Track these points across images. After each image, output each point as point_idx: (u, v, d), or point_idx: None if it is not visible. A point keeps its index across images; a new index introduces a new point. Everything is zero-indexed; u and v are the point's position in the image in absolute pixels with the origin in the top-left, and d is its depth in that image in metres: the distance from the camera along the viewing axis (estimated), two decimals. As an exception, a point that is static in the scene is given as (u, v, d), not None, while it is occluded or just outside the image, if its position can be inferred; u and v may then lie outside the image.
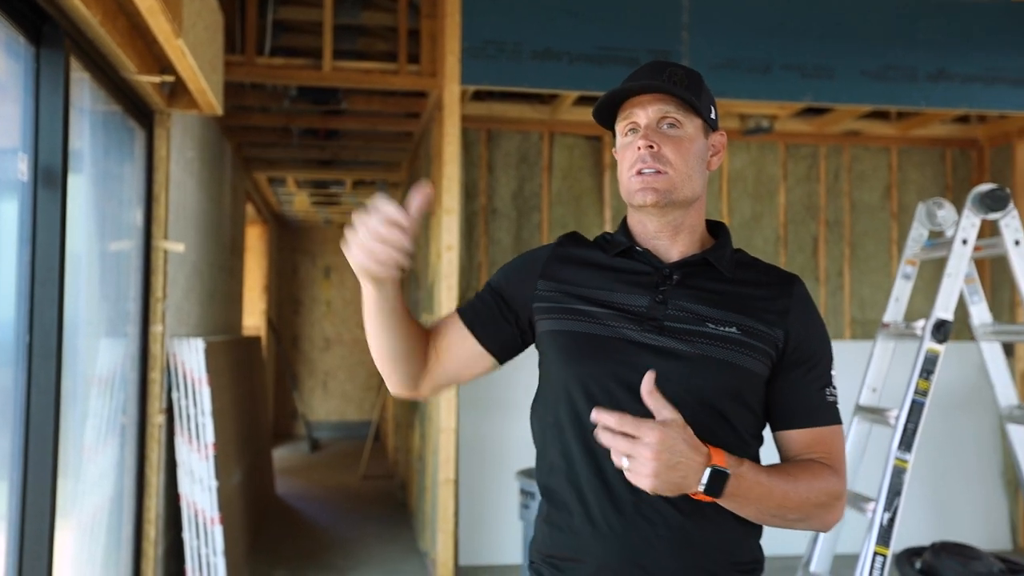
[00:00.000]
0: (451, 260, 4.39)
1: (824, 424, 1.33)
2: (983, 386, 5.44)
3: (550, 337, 1.37)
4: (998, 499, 5.43)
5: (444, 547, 4.34)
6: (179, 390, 3.76)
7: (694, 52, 4.53)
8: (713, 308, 1.31)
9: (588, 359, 1.30)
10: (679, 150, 1.33)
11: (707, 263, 1.36)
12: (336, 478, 7.60)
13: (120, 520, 3.42)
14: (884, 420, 2.89)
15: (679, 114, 1.33)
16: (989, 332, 3.09)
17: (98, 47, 2.79)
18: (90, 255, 3.06)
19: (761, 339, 1.30)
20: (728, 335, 1.29)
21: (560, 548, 1.33)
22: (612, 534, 1.27)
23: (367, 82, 4.54)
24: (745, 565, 1.32)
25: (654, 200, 1.32)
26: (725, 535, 1.29)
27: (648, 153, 1.31)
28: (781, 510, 1.24)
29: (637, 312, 1.32)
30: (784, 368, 1.32)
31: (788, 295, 1.35)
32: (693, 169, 1.34)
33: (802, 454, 1.33)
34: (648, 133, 1.32)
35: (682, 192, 1.34)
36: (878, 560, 2.68)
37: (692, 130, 1.35)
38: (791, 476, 1.26)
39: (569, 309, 1.35)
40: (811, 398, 1.33)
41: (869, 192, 5.83)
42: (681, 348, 1.28)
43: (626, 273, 1.37)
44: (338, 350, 10.56)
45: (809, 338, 1.34)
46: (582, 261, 1.41)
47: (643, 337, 1.30)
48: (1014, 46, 4.76)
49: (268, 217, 9.10)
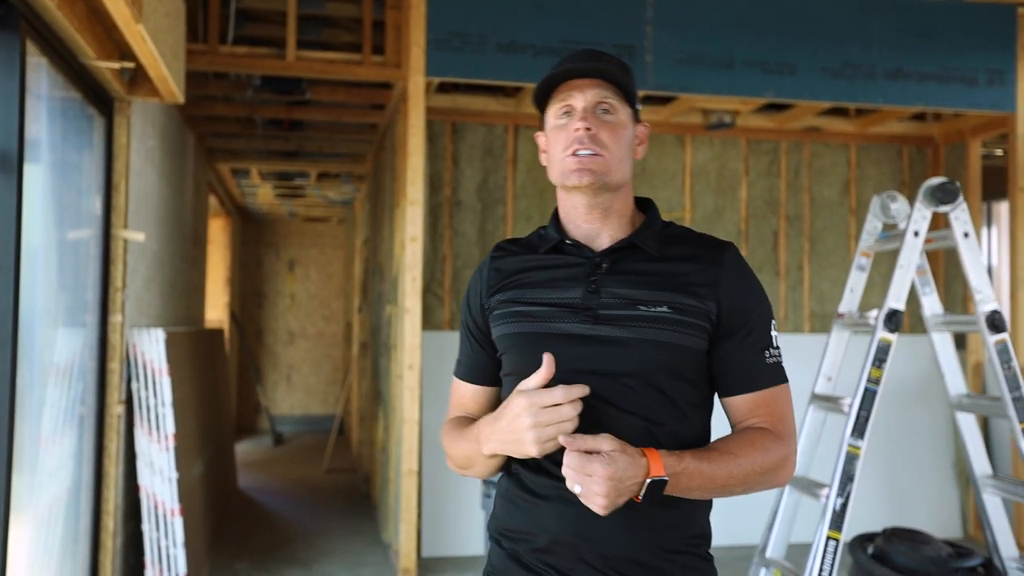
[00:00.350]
0: (415, 251, 4.39)
1: (765, 387, 1.36)
2: (936, 378, 5.56)
3: (499, 341, 1.44)
4: (949, 489, 5.56)
5: (407, 538, 4.35)
6: (139, 381, 3.72)
7: (657, 46, 4.57)
8: (643, 290, 1.35)
9: (532, 357, 1.33)
10: (614, 135, 1.37)
11: (634, 246, 1.40)
12: (300, 472, 7.56)
13: (78, 511, 3.38)
14: (838, 408, 2.95)
15: (614, 100, 1.37)
16: (940, 323, 3.17)
17: (56, 31, 2.75)
18: (47, 243, 3.02)
19: (693, 314, 1.33)
20: (660, 315, 1.33)
21: (516, 523, 1.38)
22: (565, 510, 1.31)
23: (331, 72, 4.52)
24: (693, 541, 1.36)
25: (590, 181, 1.35)
26: (675, 512, 1.33)
27: (586, 135, 1.35)
28: (726, 488, 1.29)
29: (572, 304, 1.36)
30: (721, 337, 1.35)
31: (718, 264, 1.37)
32: (624, 154, 1.38)
33: (746, 419, 1.36)
34: (586, 116, 1.36)
35: (615, 175, 1.37)
36: (831, 544, 2.74)
37: (624, 117, 1.39)
38: (732, 455, 1.29)
39: (511, 312, 1.41)
40: (750, 364, 1.36)
41: (828, 188, 5.93)
42: (616, 334, 1.33)
43: (560, 268, 1.41)
44: (302, 344, 10.50)
45: (742, 304, 1.36)
46: (517, 265, 1.46)
47: (580, 328, 1.34)
48: (968, 46, 4.87)
49: (231, 209, 9.01)
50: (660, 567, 1.32)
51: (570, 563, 1.32)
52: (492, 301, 1.45)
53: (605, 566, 1.31)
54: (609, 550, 1.30)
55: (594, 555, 1.30)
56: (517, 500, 1.38)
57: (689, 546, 1.35)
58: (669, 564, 1.33)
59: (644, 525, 1.30)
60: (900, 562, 3.10)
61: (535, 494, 1.35)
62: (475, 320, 1.50)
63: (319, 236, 10.61)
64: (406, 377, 4.38)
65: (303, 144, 6.51)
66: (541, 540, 1.34)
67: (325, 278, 10.59)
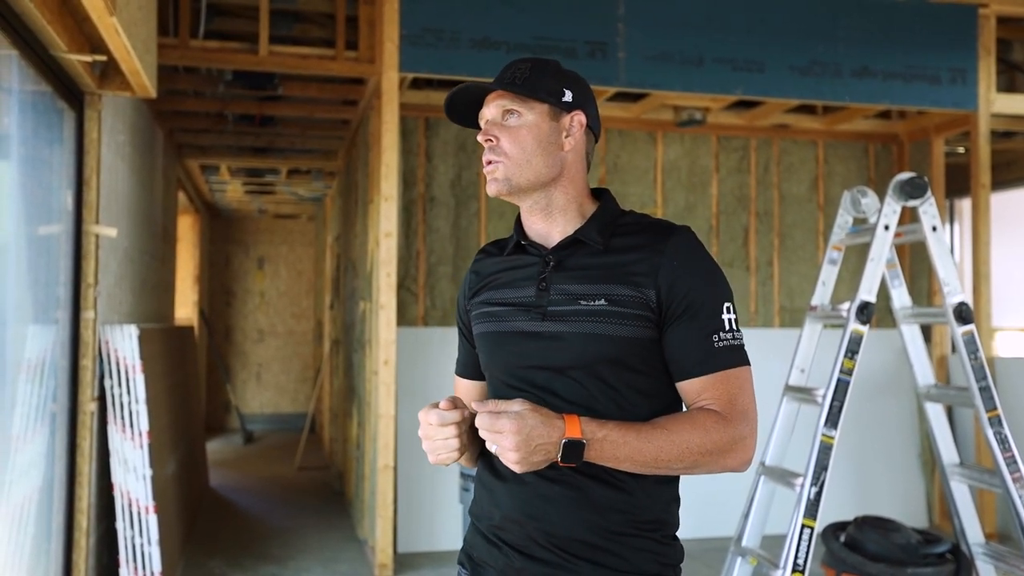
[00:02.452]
0: (389, 247, 4.39)
1: (713, 371, 1.35)
2: (903, 371, 5.67)
3: (477, 341, 1.53)
4: (915, 478, 5.68)
5: (383, 534, 4.35)
6: (112, 378, 3.68)
7: (629, 44, 4.61)
8: (584, 284, 1.39)
9: (495, 355, 1.47)
10: (515, 139, 1.41)
11: (580, 241, 1.43)
12: (271, 469, 7.52)
13: (50, 510, 3.34)
14: (812, 399, 3.01)
15: (518, 105, 1.41)
16: (909, 315, 3.24)
17: (26, 23, 2.72)
18: (17, 239, 2.98)
19: (631, 304, 1.35)
20: (598, 308, 1.37)
21: (479, 504, 1.49)
22: (517, 490, 1.40)
23: (304, 67, 4.51)
24: (646, 525, 1.38)
25: (495, 190, 1.43)
26: (626, 496, 1.36)
27: (488, 146, 1.43)
28: (660, 462, 1.31)
29: (526, 303, 1.43)
30: (666, 323, 1.37)
31: (659, 252, 1.37)
32: (532, 153, 1.41)
33: (696, 403, 1.37)
34: (488, 128, 1.43)
35: (522, 176, 1.41)
36: (806, 532, 2.79)
37: (532, 117, 1.41)
38: (666, 430, 1.31)
39: (483, 313, 1.50)
40: (696, 348, 1.35)
41: (797, 184, 6.02)
42: (561, 330, 1.38)
43: (519, 268, 1.48)
44: (272, 342, 10.43)
45: (684, 288, 1.35)
46: (491, 267, 1.54)
47: (531, 326, 1.41)
48: (931, 46, 4.97)
49: (200, 206, 8.92)
50: (605, 547, 1.35)
51: (521, 540, 1.39)
52: (472, 303, 1.54)
53: (550, 543, 1.37)
54: (554, 529, 1.36)
55: (540, 533, 1.37)
56: (484, 480, 1.48)
57: (641, 530, 1.37)
58: (617, 545, 1.36)
59: (588, 506, 1.35)
60: (871, 549, 3.16)
61: (496, 475, 1.43)
62: (463, 320, 1.60)
63: (288, 233, 10.54)
64: (381, 373, 4.37)
65: (274, 140, 6.46)
66: (496, 517, 1.43)
67: (295, 275, 10.52)
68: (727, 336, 1.36)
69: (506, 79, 1.42)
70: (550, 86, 1.43)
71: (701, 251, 1.40)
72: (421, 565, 4.67)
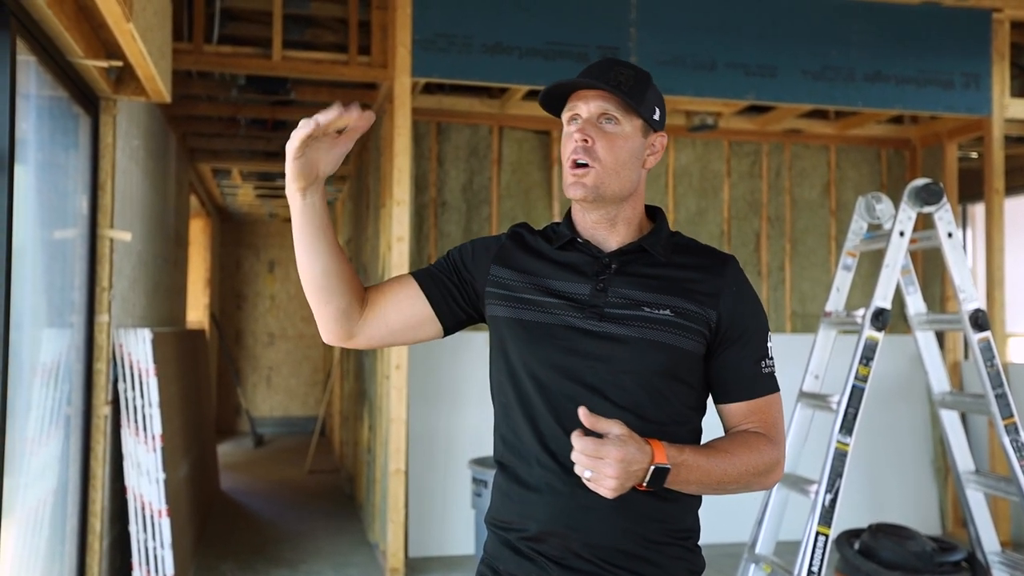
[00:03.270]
0: (401, 252, 4.39)
1: (759, 395, 1.42)
2: (916, 378, 5.65)
3: (504, 324, 1.45)
4: (928, 486, 5.65)
5: (395, 538, 4.35)
6: (125, 381, 3.70)
7: (641, 48, 4.61)
8: (649, 292, 1.39)
9: (535, 346, 1.40)
10: (611, 146, 1.38)
11: (643, 250, 1.44)
12: (282, 473, 7.53)
13: (64, 513, 3.35)
14: (826, 405, 2.99)
15: (618, 112, 1.39)
16: (924, 321, 3.23)
17: (44, 29, 2.73)
18: (34, 243, 3.00)
19: (694, 320, 1.38)
20: (663, 317, 1.38)
21: (508, 514, 1.44)
22: (554, 501, 1.37)
23: (317, 72, 4.52)
24: (679, 534, 1.41)
25: (582, 195, 1.39)
26: (662, 505, 1.37)
27: (582, 146, 1.38)
28: (721, 484, 1.34)
29: (579, 300, 1.41)
30: (719, 346, 1.41)
31: (720, 276, 1.42)
32: (623, 165, 1.40)
33: (740, 425, 1.42)
34: (585, 126, 1.39)
35: (610, 187, 1.40)
36: (820, 539, 2.78)
37: (629, 129, 1.40)
38: (729, 453, 1.35)
39: (520, 298, 1.44)
40: (746, 373, 1.41)
41: (809, 189, 6.00)
42: (620, 332, 1.37)
43: (570, 263, 1.45)
44: (282, 345, 10.45)
45: (741, 316, 1.41)
46: (532, 251, 1.49)
47: (585, 324, 1.39)
48: (944, 50, 4.95)
49: (211, 210, 8.95)
50: (646, 556, 1.37)
51: (559, 551, 1.37)
52: (499, 273, 1.47)
53: (592, 555, 1.36)
54: (595, 539, 1.35)
55: (581, 544, 1.35)
56: (510, 492, 1.43)
57: (675, 538, 1.40)
58: (655, 554, 1.38)
59: (629, 516, 1.35)
60: (886, 557, 3.15)
61: (527, 486, 1.40)
62: (465, 264, 1.50)
63: (299, 237, 10.54)
64: (393, 377, 4.38)
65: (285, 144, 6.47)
66: (531, 529, 1.39)
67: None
68: (770, 363, 1.43)
69: (612, 81, 1.37)
70: (650, 101, 1.42)
71: (749, 282, 1.46)
72: (432, 569, 4.67)
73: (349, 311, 1.44)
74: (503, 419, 1.47)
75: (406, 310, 1.48)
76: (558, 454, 1.36)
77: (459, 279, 1.50)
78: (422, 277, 1.50)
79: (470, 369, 5.13)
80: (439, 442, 5.04)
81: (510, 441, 1.44)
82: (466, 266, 1.50)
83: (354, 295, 1.45)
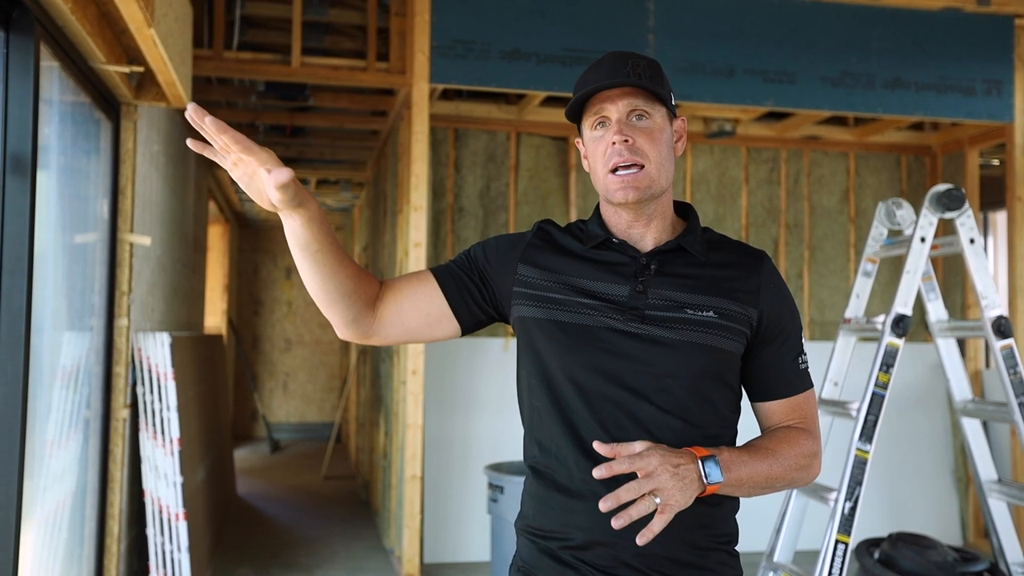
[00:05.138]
0: (419, 257, 4.40)
1: (798, 392, 1.41)
2: (936, 386, 5.60)
3: (535, 325, 1.39)
4: (949, 495, 5.58)
5: (410, 544, 4.34)
6: (144, 385, 3.72)
7: (660, 55, 4.60)
8: (690, 293, 1.36)
9: (574, 348, 1.34)
10: (652, 141, 1.35)
11: (681, 249, 1.40)
12: (298, 478, 7.54)
13: (83, 515, 3.37)
14: (846, 412, 2.97)
15: (647, 105, 1.35)
16: (945, 328, 3.19)
17: (67, 35, 2.76)
18: (55, 247, 3.03)
19: (737, 320, 1.36)
20: (707, 319, 1.34)
21: (548, 522, 1.38)
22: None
23: (336, 78, 4.54)
24: (722, 538, 1.39)
25: (636, 198, 1.35)
26: (705, 510, 1.35)
27: (624, 147, 1.33)
28: (769, 482, 1.33)
29: (618, 302, 1.36)
30: (759, 344, 1.39)
31: (758, 272, 1.40)
32: (665, 158, 1.37)
33: (781, 422, 1.41)
34: (621, 127, 1.34)
35: (659, 184, 1.37)
36: (840, 548, 2.75)
37: (660, 119, 1.37)
38: (772, 451, 1.34)
39: (553, 299, 1.38)
40: (786, 370, 1.40)
41: (828, 196, 5.96)
42: (663, 335, 1.33)
43: (605, 263, 1.40)
44: (299, 351, 10.48)
45: (780, 313, 1.40)
46: (562, 250, 1.43)
47: (626, 326, 1.34)
48: (966, 56, 4.91)
49: (229, 216, 9.01)
50: (695, 563, 1.35)
51: (607, 560, 1.33)
52: (525, 270, 1.41)
53: (643, 564, 1.32)
54: (646, 548, 1.29)
55: (631, 554, 1.31)
56: (548, 499, 1.38)
57: (719, 543, 1.38)
58: (703, 560, 1.36)
59: (679, 523, 1.30)
60: (906, 567, 3.11)
61: (569, 493, 1.35)
62: (489, 261, 1.45)
63: (316, 243, 10.59)
64: (409, 382, 4.38)
65: (304, 151, 6.51)
66: (577, 538, 1.34)
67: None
68: (805, 359, 1.43)
69: (632, 75, 1.33)
70: (667, 87, 1.38)
71: (782, 277, 1.45)
72: (447, 576, 4.66)
73: (359, 319, 1.39)
74: (537, 423, 1.41)
75: (423, 308, 1.42)
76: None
77: (480, 278, 1.45)
78: (441, 274, 1.45)
79: (486, 375, 5.12)
80: (455, 448, 5.04)
81: (546, 446, 1.38)
82: (489, 264, 1.45)
83: (362, 305, 1.39)
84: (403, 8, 4.57)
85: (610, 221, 1.43)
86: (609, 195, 1.37)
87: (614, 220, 1.42)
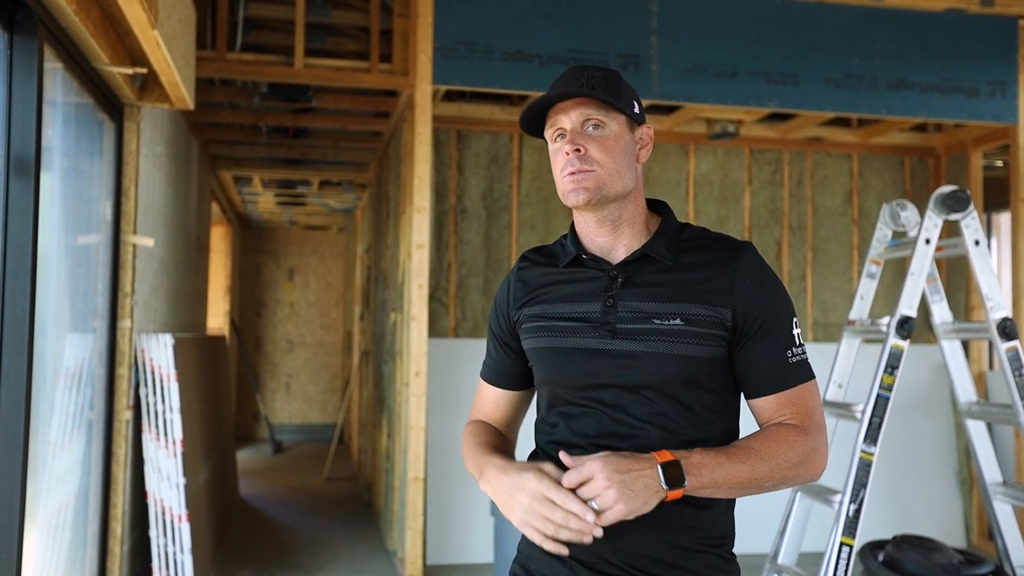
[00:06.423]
0: (421, 259, 4.40)
1: (788, 387, 1.37)
2: (940, 388, 5.59)
3: (532, 354, 1.49)
4: (953, 497, 5.57)
5: (413, 545, 4.34)
6: (147, 386, 3.72)
7: (662, 57, 4.60)
8: (657, 302, 1.37)
9: (557, 371, 1.43)
10: (604, 148, 1.38)
11: (648, 256, 1.42)
12: (300, 480, 7.54)
13: (86, 517, 3.37)
14: (850, 414, 2.96)
15: (601, 115, 1.39)
16: (950, 330, 3.19)
17: (71, 36, 2.76)
18: (59, 248, 3.03)
19: (706, 324, 1.35)
20: (674, 328, 1.35)
21: None
22: None
23: (339, 80, 4.54)
24: (712, 540, 1.39)
25: (586, 199, 1.38)
26: (691, 512, 1.36)
27: (576, 156, 1.38)
28: (754, 482, 1.31)
29: (592, 319, 1.40)
30: (740, 341, 1.37)
31: (732, 270, 1.38)
32: (620, 164, 1.40)
33: (773, 419, 1.38)
34: (574, 137, 1.39)
35: (612, 187, 1.39)
36: (844, 550, 2.75)
37: (616, 127, 1.40)
38: (755, 450, 1.31)
39: (539, 327, 1.46)
40: (772, 365, 1.37)
41: (831, 197, 5.95)
42: (633, 348, 1.36)
43: (579, 282, 1.45)
44: (301, 352, 10.48)
45: (759, 307, 1.37)
46: (539, 278, 1.50)
47: (599, 343, 1.39)
48: (969, 57, 4.90)
49: (232, 217, 9.01)
50: (679, 564, 1.35)
51: (589, 556, 1.36)
52: (520, 314, 1.50)
53: (622, 561, 1.35)
54: (626, 545, 1.34)
55: (611, 550, 1.34)
56: None
57: (708, 546, 1.38)
58: (688, 562, 1.36)
59: (659, 524, 1.33)
60: (911, 569, 3.10)
61: None
62: (502, 328, 1.56)
63: (319, 245, 10.61)
64: (412, 384, 4.37)
65: (307, 152, 6.51)
66: None
67: (324, 286, 10.58)
68: (798, 351, 1.39)
69: (585, 87, 1.38)
70: (627, 96, 1.42)
71: (767, 267, 1.42)
72: (450, 578, 4.66)
73: None
74: (540, 436, 1.51)
75: (509, 406, 1.60)
76: None
77: (508, 346, 1.56)
78: (489, 377, 1.61)
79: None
80: (458, 450, 5.03)
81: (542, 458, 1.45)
82: (503, 330, 1.56)
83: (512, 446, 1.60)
84: (406, 10, 4.57)
85: (582, 232, 1.47)
86: (565, 198, 1.42)
87: (584, 230, 1.46)
